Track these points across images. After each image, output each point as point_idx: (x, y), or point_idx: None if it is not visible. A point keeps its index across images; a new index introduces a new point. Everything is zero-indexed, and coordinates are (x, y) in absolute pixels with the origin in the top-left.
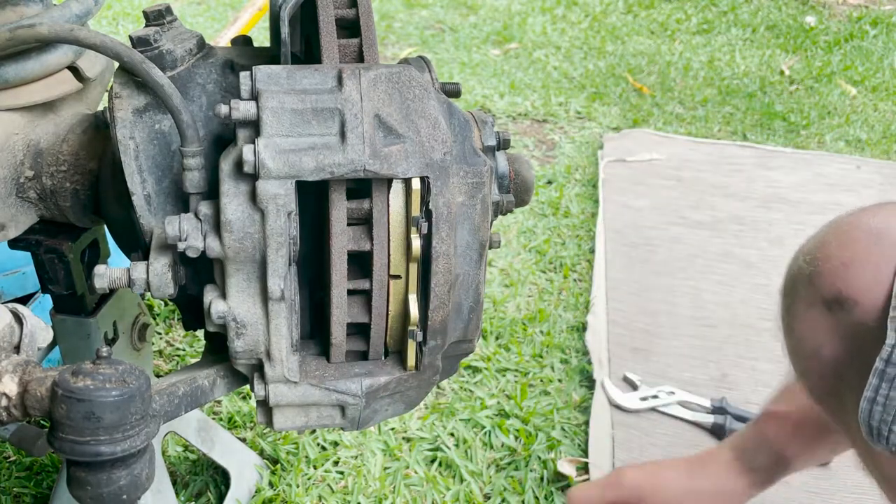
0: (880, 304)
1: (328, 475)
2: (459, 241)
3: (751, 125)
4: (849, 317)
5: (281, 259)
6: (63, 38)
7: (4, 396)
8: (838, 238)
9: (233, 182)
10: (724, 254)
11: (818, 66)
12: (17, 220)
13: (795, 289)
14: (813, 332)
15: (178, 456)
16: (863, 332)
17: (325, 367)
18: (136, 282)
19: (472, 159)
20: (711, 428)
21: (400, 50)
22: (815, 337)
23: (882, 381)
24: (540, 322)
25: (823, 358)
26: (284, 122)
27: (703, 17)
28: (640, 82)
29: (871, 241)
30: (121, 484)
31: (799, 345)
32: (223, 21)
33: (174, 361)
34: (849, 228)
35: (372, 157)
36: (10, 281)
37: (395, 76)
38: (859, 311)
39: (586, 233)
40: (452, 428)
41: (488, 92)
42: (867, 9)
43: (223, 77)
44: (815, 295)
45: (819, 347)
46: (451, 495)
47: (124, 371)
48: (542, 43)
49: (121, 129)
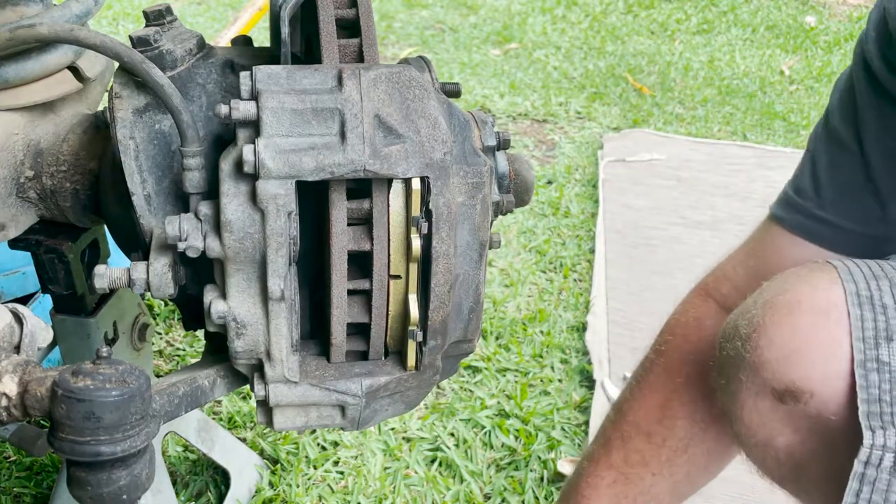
0: (841, 394)
1: (328, 475)
2: (459, 241)
3: (751, 125)
4: (804, 408)
5: (281, 259)
6: (63, 38)
7: (4, 396)
8: (779, 320)
9: (233, 182)
10: (723, 254)
11: (818, 66)
12: (17, 220)
13: (737, 376)
14: (764, 423)
15: (178, 456)
16: (823, 425)
17: (325, 367)
18: (136, 282)
19: (472, 159)
20: None
21: (400, 50)
22: (766, 427)
23: (862, 485)
24: (540, 322)
25: (778, 447)
26: (284, 122)
27: (703, 17)
28: (640, 82)
29: (818, 324)
30: (121, 484)
31: (750, 435)
32: (223, 21)
33: (174, 361)
34: (788, 309)
35: (372, 157)
36: (10, 281)
37: (395, 76)
38: (817, 403)
39: (586, 233)
40: (452, 428)
41: (488, 92)
42: (867, 9)
43: (223, 77)
44: (763, 385)
45: (772, 438)
46: (451, 495)
47: (124, 371)
48: (542, 43)
49: (121, 129)
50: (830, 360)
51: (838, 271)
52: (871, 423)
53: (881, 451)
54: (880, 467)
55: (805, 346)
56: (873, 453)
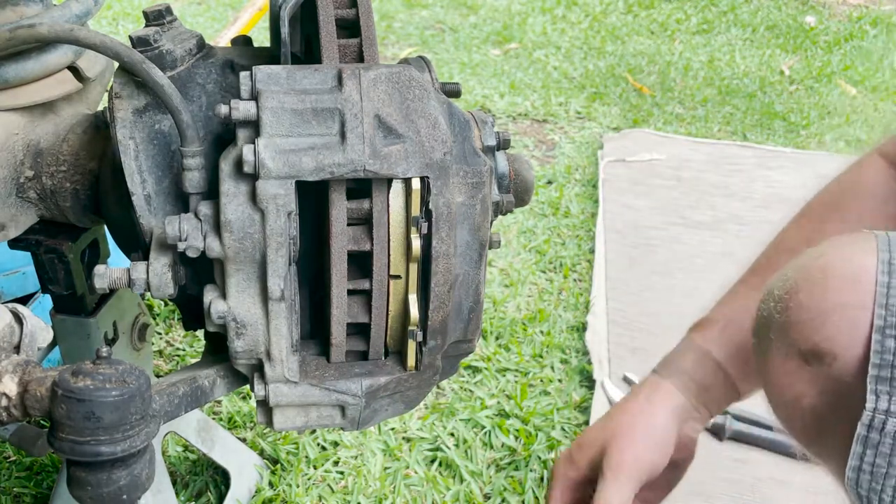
0: (859, 358)
1: (328, 475)
2: (459, 241)
3: (751, 125)
4: (828, 370)
5: (281, 259)
6: (63, 38)
7: (4, 396)
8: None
9: (233, 182)
10: (724, 254)
11: (818, 66)
12: (17, 220)
13: (769, 337)
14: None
15: (178, 456)
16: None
17: (325, 367)
18: (136, 282)
19: (472, 159)
20: (711, 428)
21: (400, 50)
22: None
23: (866, 449)
24: (540, 322)
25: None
26: (284, 122)
27: (703, 17)
28: (640, 82)
29: (846, 289)
30: (121, 484)
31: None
32: (223, 21)
33: (174, 361)
34: (821, 275)
35: (372, 157)
36: (10, 281)
37: (395, 76)
38: (839, 366)
39: (586, 233)
40: (452, 428)
41: (488, 92)
42: (867, 9)
43: (223, 77)
44: (791, 346)
45: (799, 398)
46: (451, 495)
47: (124, 371)
48: (542, 43)
49: (121, 129)
50: (854, 326)
51: (878, 241)
52: (879, 387)
53: (884, 415)
54: (884, 431)
55: (832, 311)
56: (876, 417)
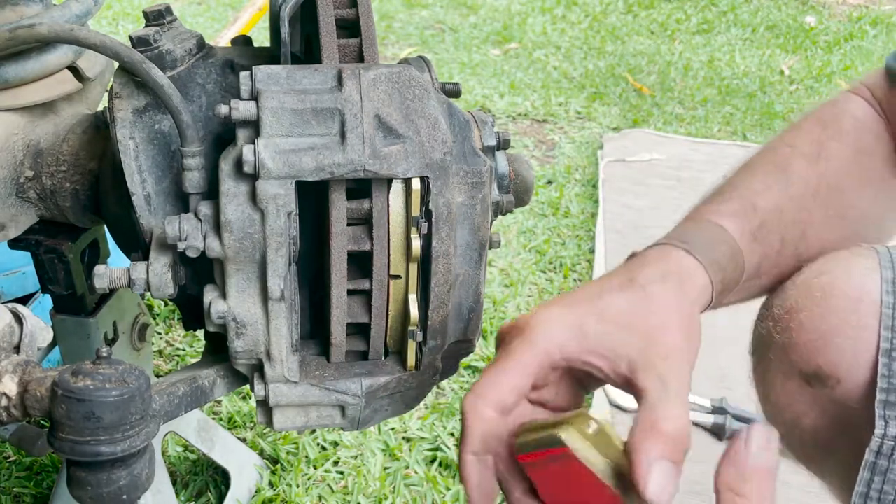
0: (864, 382)
1: (328, 475)
2: (459, 241)
3: (751, 125)
4: (831, 393)
5: (281, 259)
6: (63, 38)
7: (4, 396)
8: (811, 305)
9: (233, 182)
10: None
11: (818, 66)
12: (17, 220)
13: (768, 357)
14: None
15: (178, 456)
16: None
17: (325, 367)
18: (136, 282)
19: (472, 159)
20: (711, 428)
21: (400, 50)
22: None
23: (874, 475)
24: None
25: (804, 428)
26: (284, 123)
27: (703, 17)
28: (640, 82)
29: (849, 310)
30: (121, 484)
31: (777, 413)
32: (223, 21)
33: (174, 361)
34: (821, 294)
35: (372, 157)
36: (10, 281)
37: (395, 76)
38: (842, 389)
39: (586, 233)
40: (452, 428)
41: (488, 92)
42: (867, 9)
43: (223, 77)
44: (792, 367)
45: (799, 417)
46: (451, 495)
47: (124, 371)
48: (542, 43)
49: (121, 129)
50: (858, 348)
51: (879, 258)
52: (887, 412)
53: (893, 441)
54: (892, 458)
55: (834, 332)
56: (885, 443)
